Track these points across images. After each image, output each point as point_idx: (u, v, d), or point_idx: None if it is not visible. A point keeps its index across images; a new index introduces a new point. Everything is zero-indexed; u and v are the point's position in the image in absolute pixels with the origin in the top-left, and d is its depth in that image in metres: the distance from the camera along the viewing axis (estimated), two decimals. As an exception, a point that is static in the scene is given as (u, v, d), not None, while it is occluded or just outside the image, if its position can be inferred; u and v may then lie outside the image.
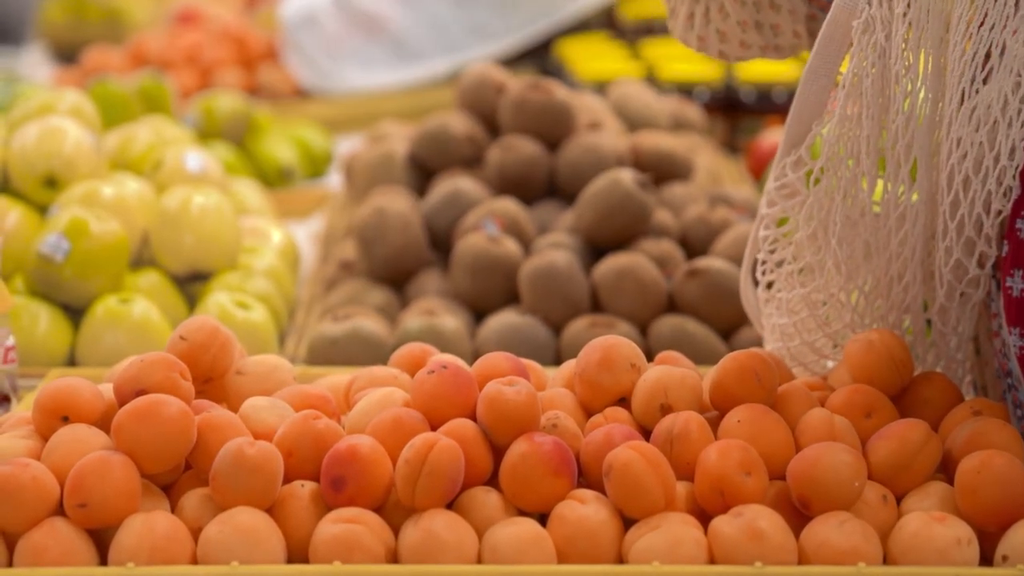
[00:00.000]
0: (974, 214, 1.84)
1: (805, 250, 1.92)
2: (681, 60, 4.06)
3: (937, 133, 1.84)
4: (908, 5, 1.80)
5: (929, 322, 1.94)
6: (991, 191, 1.82)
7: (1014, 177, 1.82)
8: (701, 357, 2.39)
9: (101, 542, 1.69)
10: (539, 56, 4.42)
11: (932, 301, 1.91)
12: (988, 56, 1.80)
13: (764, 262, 1.97)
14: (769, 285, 1.99)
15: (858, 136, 1.84)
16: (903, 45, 1.81)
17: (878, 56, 1.82)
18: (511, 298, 2.60)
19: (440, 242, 2.74)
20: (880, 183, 1.87)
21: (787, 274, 1.96)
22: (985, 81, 1.80)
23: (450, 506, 1.71)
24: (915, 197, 1.86)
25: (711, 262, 2.56)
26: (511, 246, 2.61)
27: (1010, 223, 1.84)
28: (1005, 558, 1.67)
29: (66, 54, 5.06)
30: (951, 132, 1.81)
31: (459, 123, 2.88)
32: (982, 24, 1.79)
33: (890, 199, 1.86)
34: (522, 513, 1.72)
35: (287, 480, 1.73)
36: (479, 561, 1.68)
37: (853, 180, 1.86)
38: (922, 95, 1.82)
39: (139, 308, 2.49)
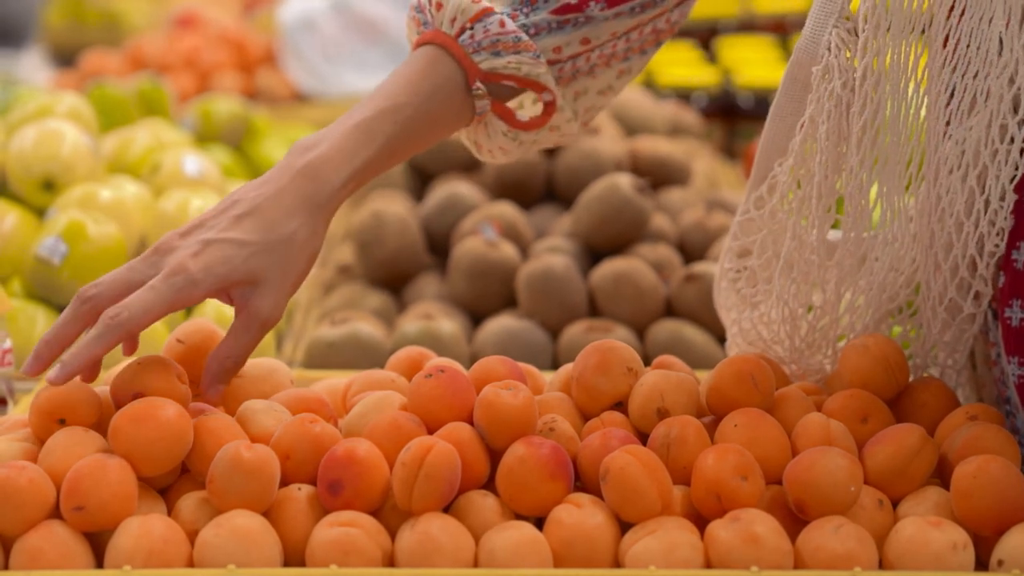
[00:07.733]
0: (967, 255, 1.84)
1: (758, 277, 1.93)
2: (679, 65, 4.06)
3: (906, 173, 1.85)
4: (864, 52, 1.80)
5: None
6: (984, 233, 1.83)
7: (1006, 218, 1.82)
8: (698, 361, 2.40)
9: (97, 545, 1.68)
10: (537, 61, 4.41)
11: (924, 334, 1.92)
12: (973, 101, 1.80)
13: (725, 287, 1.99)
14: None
15: (811, 179, 1.85)
16: (864, 89, 1.81)
17: (834, 105, 1.82)
18: (508, 302, 2.60)
19: (438, 246, 2.74)
20: (837, 222, 1.88)
21: (742, 298, 1.97)
22: (971, 127, 1.81)
23: (447, 510, 1.71)
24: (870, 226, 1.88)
25: (708, 267, 2.56)
26: (509, 250, 2.61)
27: (1007, 254, 1.84)
28: (1001, 563, 1.67)
29: (65, 57, 5.07)
30: (939, 177, 1.82)
31: (457, 127, 2.87)
32: (965, 72, 1.79)
33: (849, 239, 1.88)
34: (519, 517, 1.72)
35: (284, 483, 1.73)
36: (476, 565, 1.67)
37: (800, 221, 1.87)
38: (885, 135, 1.83)
39: (136, 311, 2.49)
